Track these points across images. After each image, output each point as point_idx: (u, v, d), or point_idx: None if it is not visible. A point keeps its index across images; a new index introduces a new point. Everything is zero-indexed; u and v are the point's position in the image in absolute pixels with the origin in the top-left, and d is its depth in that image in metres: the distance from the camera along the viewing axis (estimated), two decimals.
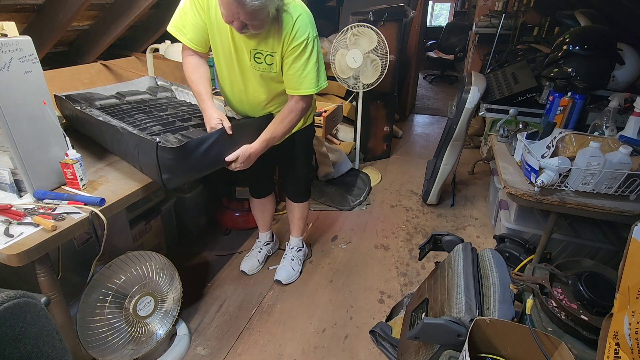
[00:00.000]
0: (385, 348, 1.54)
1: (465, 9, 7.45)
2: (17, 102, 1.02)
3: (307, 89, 1.35)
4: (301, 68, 1.31)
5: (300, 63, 1.30)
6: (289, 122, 1.41)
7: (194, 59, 1.39)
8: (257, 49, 1.30)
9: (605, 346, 0.86)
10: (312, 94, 1.38)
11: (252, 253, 2.05)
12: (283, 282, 1.89)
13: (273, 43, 1.28)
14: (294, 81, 1.34)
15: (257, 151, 1.38)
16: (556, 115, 1.73)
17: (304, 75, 1.32)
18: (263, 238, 2.07)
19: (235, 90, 1.47)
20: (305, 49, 1.28)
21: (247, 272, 1.97)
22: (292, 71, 1.32)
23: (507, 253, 1.66)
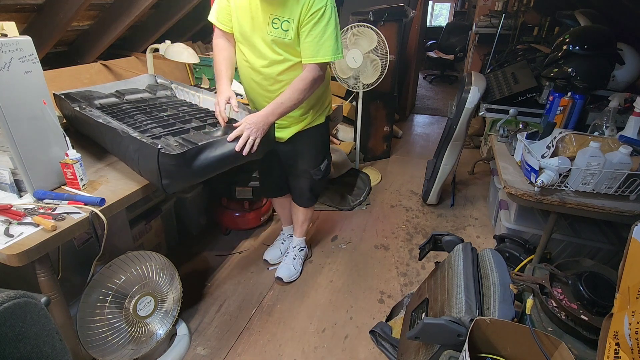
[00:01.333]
0: (385, 348, 1.54)
1: (465, 9, 7.44)
2: (17, 102, 1.02)
3: (325, 56, 1.33)
4: (319, 34, 1.30)
5: (319, 29, 1.29)
6: (299, 90, 1.36)
7: (221, 41, 1.49)
8: (275, 14, 1.31)
9: (605, 346, 0.86)
10: (328, 61, 1.36)
11: (275, 243, 2.10)
12: (284, 280, 1.89)
13: (291, 9, 1.29)
14: (312, 48, 1.32)
15: (263, 118, 1.33)
16: (556, 115, 1.73)
17: (322, 42, 1.31)
18: (286, 231, 2.11)
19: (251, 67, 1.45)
20: (323, 15, 1.28)
21: (269, 261, 2.04)
22: (310, 38, 1.31)
23: (507, 253, 1.66)
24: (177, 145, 1.29)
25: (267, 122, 1.35)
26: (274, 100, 1.37)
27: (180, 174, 1.18)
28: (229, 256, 2.11)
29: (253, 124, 1.31)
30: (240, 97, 2.13)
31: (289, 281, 1.91)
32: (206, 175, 1.31)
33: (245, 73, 1.50)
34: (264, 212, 2.28)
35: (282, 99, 1.36)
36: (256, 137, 1.31)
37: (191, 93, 1.87)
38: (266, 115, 1.34)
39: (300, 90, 1.36)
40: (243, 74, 1.52)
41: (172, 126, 1.45)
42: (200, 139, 1.30)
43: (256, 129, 1.31)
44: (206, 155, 1.22)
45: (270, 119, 1.36)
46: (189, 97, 1.88)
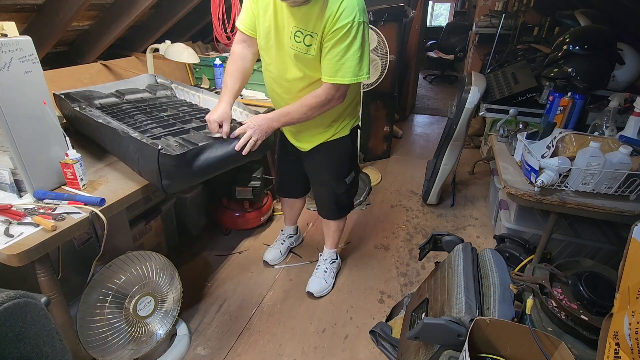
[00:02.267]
0: (385, 348, 1.54)
1: (465, 9, 7.44)
2: (17, 102, 1.02)
3: (343, 77, 1.24)
4: (340, 54, 1.21)
5: (341, 48, 1.20)
6: (309, 105, 1.30)
7: (238, 49, 1.43)
8: (298, 27, 1.23)
9: (605, 346, 0.86)
10: (347, 84, 1.26)
11: (275, 244, 2.08)
12: (315, 295, 1.81)
13: (315, 23, 1.21)
14: (331, 66, 1.23)
15: (267, 121, 1.30)
16: (556, 115, 1.73)
17: (342, 62, 1.22)
18: (287, 231, 2.09)
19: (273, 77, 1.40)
20: (348, 33, 1.18)
21: (269, 262, 2.01)
22: (330, 56, 1.22)
23: (507, 253, 1.66)
24: (177, 146, 1.29)
25: (270, 126, 1.32)
26: (282, 107, 1.34)
27: (181, 174, 1.18)
28: (229, 256, 2.11)
29: (257, 125, 1.29)
30: (240, 97, 2.13)
31: (320, 296, 1.83)
32: (206, 176, 1.31)
33: (267, 80, 1.47)
34: (264, 212, 2.28)
35: (290, 109, 1.32)
36: (258, 138, 1.30)
37: (191, 93, 1.87)
38: (271, 120, 1.31)
39: (310, 106, 1.30)
40: (265, 79, 1.48)
41: (172, 126, 1.45)
42: (201, 140, 1.30)
43: (259, 130, 1.29)
44: (206, 155, 1.22)
45: (275, 124, 1.33)
46: (189, 97, 1.88)
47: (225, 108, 1.34)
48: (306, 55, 1.26)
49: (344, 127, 1.52)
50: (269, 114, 1.33)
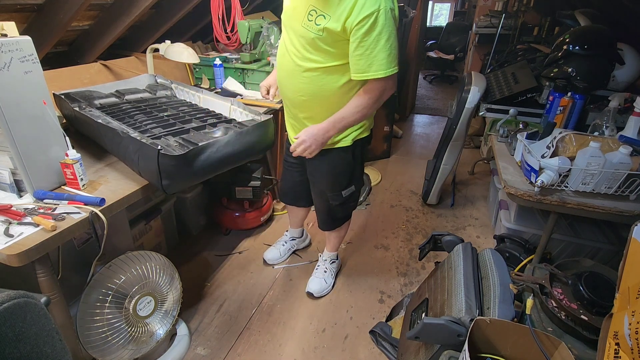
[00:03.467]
0: (385, 348, 1.54)
1: (465, 9, 7.44)
2: (17, 102, 1.02)
3: (377, 71, 1.17)
4: (371, 46, 1.13)
5: (371, 40, 1.12)
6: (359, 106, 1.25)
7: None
8: (314, 6, 1.18)
9: (605, 346, 0.86)
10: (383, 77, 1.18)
11: (276, 244, 2.07)
12: (315, 295, 1.81)
13: (332, 6, 1.14)
14: (362, 62, 1.16)
15: (321, 131, 1.28)
16: (556, 115, 1.73)
17: (374, 55, 1.14)
18: (290, 233, 2.08)
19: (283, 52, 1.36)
20: (376, 22, 1.10)
21: (268, 262, 2.02)
22: (360, 50, 1.15)
23: (507, 253, 1.66)
24: (177, 146, 1.29)
25: (326, 135, 1.30)
26: (335, 114, 1.29)
27: (181, 174, 1.18)
28: (229, 256, 2.11)
29: (310, 137, 1.29)
30: (240, 97, 2.13)
31: (320, 296, 1.83)
32: (206, 176, 1.31)
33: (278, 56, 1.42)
34: (264, 212, 2.28)
35: (344, 113, 1.28)
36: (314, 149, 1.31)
37: (191, 93, 1.87)
38: (326, 129, 1.29)
39: (361, 105, 1.26)
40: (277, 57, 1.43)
41: (172, 126, 1.45)
42: (201, 139, 1.30)
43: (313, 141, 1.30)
44: (206, 155, 1.22)
45: (331, 132, 1.31)
46: (189, 97, 1.88)
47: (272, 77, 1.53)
48: (311, 34, 1.20)
49: (345, 136, 1.43)
50: (323, 124, 1.29)
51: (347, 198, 1.57)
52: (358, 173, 1.58)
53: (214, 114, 1.65)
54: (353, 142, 1.45)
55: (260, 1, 2.88)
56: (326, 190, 1.56)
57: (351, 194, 1.58)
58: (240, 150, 1.35)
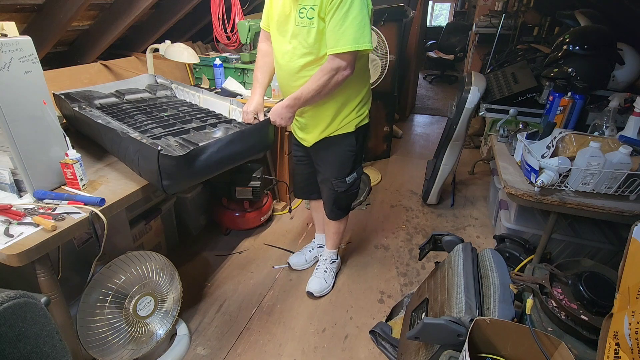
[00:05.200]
0: (385, 348, 1.54)
1: (465, 9, 7.44)
2: (17, 102, 1.02)
3: (344, 46, 1.22)
4: (339, 22, 1.21)
5: (340, 15, 1.20)
6: (316, 82, 1.30)
7: (263, 47, 1.56)
8: (302, 4, 1.27)
9: (605, 346, 0.86)
10: (349, 51, 1.24)
11: (303, 250, 2.06)
12: (315, 295, 1.81)
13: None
14: (332, 37, 1.23)
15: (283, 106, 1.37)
16: (556, 115, 1.73)
17: (342, 31, 1.21)
18: (317, 240, 2.07)
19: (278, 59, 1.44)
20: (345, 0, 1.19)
21: (292, 266, 2.01)
22: (330, 26, 1.23)
23: (507, 253, 1.66)
24: (177, 146, 1.29)
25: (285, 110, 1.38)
26: (294, 93, 1.36)
27: (181, 174, 1.18)
28: (229, 256, 2.11)
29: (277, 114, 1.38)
30: (240, 97, 2.13)
31: (320, 295, 1.83)
32: (207, 176, 1.31)
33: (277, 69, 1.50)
34: (264, 212, 2.28)
35: (301, 90, 1.34)
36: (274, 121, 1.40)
37: (191, 93, 1.87)
38: (286, 106, 1.37)
39: (318, 82, 1.30)
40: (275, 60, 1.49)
41: (172, 126, 1.45)
42: (201, 140, 1.30)
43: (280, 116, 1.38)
44: (207, 156, 1.22)
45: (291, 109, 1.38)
46: (189, 97, 1.88)
47: (259, 100, 1.50)
48: (310, 29, 1.28)
49: (349, 123, 1.50)
50: (284, 101, 1.37)
51: (350, 184, 1.63)
52: (359, 160, 1.65)
53: (214, 114, 1.65)
54: (356, 128, 1.52)
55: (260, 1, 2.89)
56: (331, 178, 1.61)
57: (354, 180, 1.64)
58: (240, 150, 1.35)
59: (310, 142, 1.56)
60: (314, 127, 1.52)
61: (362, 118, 1.53)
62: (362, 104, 1.51)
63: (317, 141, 1.54)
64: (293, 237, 2.28)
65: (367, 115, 1.55)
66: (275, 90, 2.14)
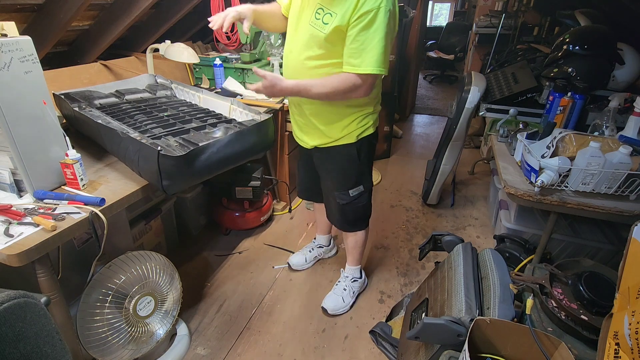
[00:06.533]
0: (385, 348, 1.54)
1: (465, 9, 7.44)
2: (17, 102, 1.02)
3: (368, 67, 1.17)
4: (366, 41, 1.15)
5: (366, 36, 1.15)
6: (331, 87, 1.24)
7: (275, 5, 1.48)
8: (322, 4, 1.22)
9: (605, 346, 0.86)
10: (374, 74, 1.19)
11: (303, 250, 2.05)
12: (329, 312, 1.72)
13: (339, 3, 1.17)
14: (355, 55, 1.18)
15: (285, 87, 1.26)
16: (556, 115, 1.73)
17: (367, 51, 1.16)
18: (318, 240, 2.06)
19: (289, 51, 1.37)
20: (374, 18, 1.14)
21: (292, 266, 1.99)
22: (355, 44, 1.17)
23: (507, 253, 1.66)
24: (177, 146, 1.29)
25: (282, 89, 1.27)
26: (304, 80, 1.27)
27: (181, 175, 1.18)
28: (229, 256, 2.11)
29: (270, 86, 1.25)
30: (240, 97, 2.13)
31: (334, 314, 1.72)
32: (207, 176, 1.31)
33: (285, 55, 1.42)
34: (264, 212, 2.28)
35: (313, 82, 1.25)
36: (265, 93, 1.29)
37: (191, 93, 1.87)
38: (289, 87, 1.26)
39: (333, 87, 1.24)
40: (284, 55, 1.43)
41: (172, 126, 1.45)
42: (201, 140, 1.30)
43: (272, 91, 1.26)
44: (207, 156, 1.22)
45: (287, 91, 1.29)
46: (189, 97, 1.88)
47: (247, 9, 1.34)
48: (319, 33, 1.22)
49: (349, 133, 1.41)
50: (288, 82, 1.26)
51: (355, 198, 1.53)
52: (366, 172, 1.54)
53: (214, 114, 1.65)
54: (357, 139, 1.43)
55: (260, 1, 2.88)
56: (333, 189, 1.54)
57: (360, 194, 1.54)
58: (240, 150, 1.35)
59: (309, 144, 1.51)
60: (314, 128, 1.45)
61: (365, 128, 1.44)
62: (364, 115, 1.43)
63: (316, 146, 1.49)
64: (293, 237, 2.28)
65: (371, 125, 1.47)
66: None
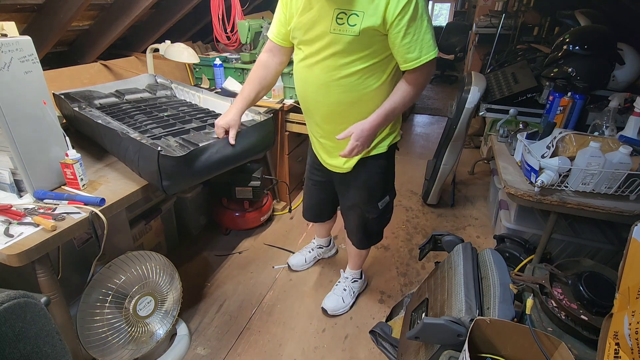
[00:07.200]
0: (385, 348, 1.54)
1: (465, 9, 7.44)
2: (17, 102, 1.02)
3: (427, 55, 1.12)
4: (417, 32, 1.09)
5: (416, 24, 1.09)
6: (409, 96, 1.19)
7: (263, 58, 1.38)
8: (341, 8, 1.11)
9: (605, 346, 0.86)
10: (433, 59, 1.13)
11: (303, 250, 2.03)
12: (329, 312, 1.72)
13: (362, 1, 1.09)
14: (414, 49, 1.11)
15: (371, 125, 1.18)
16: (556, 115, 1.73)
17: (421, 39, 1.10)
18: (317, 241, 2.04)
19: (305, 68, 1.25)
20: (415, 9, 1.07)
21: (291, 267, 1.98)
22: (407, 38, 1.10)
23: (507, 253, 1.66)
24: (177, 146, 1.29)
25: (376, 132, 1.22)
26: (384, 106, 1.19)
27: (181, 175, 1.18)
28: (229, 256, 2.11)
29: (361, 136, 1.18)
30: None
31: (334, 314, 1.73)
32: (207, 176, 1.31)
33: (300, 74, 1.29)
34: (264, 212, 2.28)
35: (394, 103, 1.19)
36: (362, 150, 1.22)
37: (191, 93, 1.87)
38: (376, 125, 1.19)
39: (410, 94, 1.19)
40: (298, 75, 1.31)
41: (172, 126, 1.45)
42: (201, 140, 1.30)
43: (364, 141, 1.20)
44: (207, 156, 1.22)
45: (382, 126, 1.23)
46: (189, 97, 1.88)
47: (234, 115, 1.30)
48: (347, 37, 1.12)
49: (382, 143, 1.35)
50: (373, 119, 1.18)
51: (383, 210, 1.48)
52: (391, 181, 1.50)
53: (214, 114, 1.65)
54: (389, 147, 1.37)
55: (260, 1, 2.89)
56: (360, 204, 1.46)
57: (386, 204, 1.49)
58: (241, 151, 1.34)
59: (343, 168, 1.39)
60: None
61: (395, 135, 1.39)
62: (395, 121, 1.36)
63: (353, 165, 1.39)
64: (293, 237, 2.28)
65: (399, 132, 1.41)
66: (275, 90, 2.14)
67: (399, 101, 1.19)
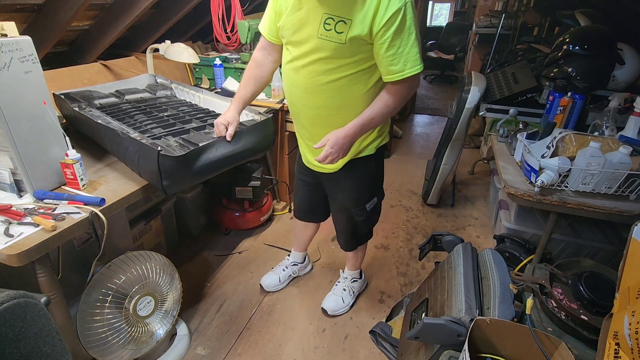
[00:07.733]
0: (385, 348, 1.54)
1: (465, 9, 7.44)
2: (17, 102, 1.02)
3: (411, 69, 1.10)
4: (403, 43, 1.07)
5: (403, 37, 1.07)
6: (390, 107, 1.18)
7: (258, 55, 1.38)
8: (330, 13, 1.09)
9: (605, 346, 0.86)
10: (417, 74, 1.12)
11: (276, 269, 1.91)
12: (328, 312, 1.71)
13: (351, 9, 1.06)
14: (395, 61, 1.09)
15: (347, 138, 1.17)
16: (556, 115, 1.73)
17: (407, 52, 1.08)
18: (292, 257, 1.93)
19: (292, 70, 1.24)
20: (405, 17, 1.04)
21: (265, 288, 1.85)
22: (392, 50, 1.08)
23: (507, 253, 1.66)
24: (177, 146, 1.29)
25: (352, 141, 1.20)
26: (362, 116, 1.18)
27: (181, 175, 1.18)
28: (229, 256, 2.11)
29: (335, 144, 1.17)
30: None
31: (334, 314, 1.72)
32: (207, 176, 1.31)
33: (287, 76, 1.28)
34: (264, 212, 2.28)
35: (373, 113, 1.18)
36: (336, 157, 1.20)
37: (191, 93, 1.87)
38: (353, 134, 1.18)
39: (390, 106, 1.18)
40: (285, 76, 1.30)
41: (172, 126, 1.45)
42: (201, 140, 1.30)
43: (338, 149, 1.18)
44: (207, 156, 1.22)
45: (358, 136, 1.21)
46: (189, 97, 1.88)
47: (233, 114, 1.34)
48: (333, 44, 1.11)
49: (369, 145, 1.35)
50: (349, 128, 1.17)
51: (371, 212, 1.49)
52: (379, 182, 1.51)
53: (214, 114, 1.65)
54: (377, 150, 1.38)
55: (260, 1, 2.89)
56: (350, 207, 1.46)
57: (374, 206, 1.49)
58: (240, 150, 1.35)
59: (330, 169, 1.39)
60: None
61: (383, 137, 1.39)
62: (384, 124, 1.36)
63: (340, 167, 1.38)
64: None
65: (387, 133, 1.42)
66: (275, 90, 2.14)
67: (378, 112, 1.18)
